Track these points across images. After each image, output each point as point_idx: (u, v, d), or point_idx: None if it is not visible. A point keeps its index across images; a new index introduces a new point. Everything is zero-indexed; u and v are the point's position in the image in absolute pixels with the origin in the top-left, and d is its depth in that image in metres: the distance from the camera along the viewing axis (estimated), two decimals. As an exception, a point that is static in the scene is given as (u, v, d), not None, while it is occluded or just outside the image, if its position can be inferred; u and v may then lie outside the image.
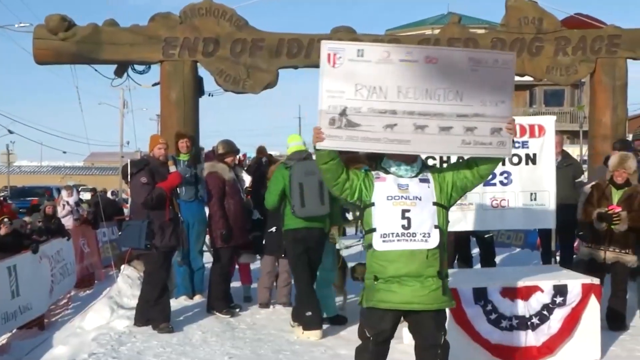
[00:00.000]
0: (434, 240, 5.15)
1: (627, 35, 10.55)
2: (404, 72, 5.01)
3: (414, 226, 5.14)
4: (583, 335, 7.17)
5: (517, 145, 8.37)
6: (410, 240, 5.14)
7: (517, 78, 12.42)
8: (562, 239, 10.04)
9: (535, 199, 8.47)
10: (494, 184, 8.43)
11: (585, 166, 12.29)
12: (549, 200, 8.46)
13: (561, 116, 46.47)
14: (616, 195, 8.26)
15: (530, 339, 7.05)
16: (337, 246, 8.87)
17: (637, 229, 8.20)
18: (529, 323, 7.05)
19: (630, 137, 11.32)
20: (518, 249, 15.46)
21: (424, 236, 5.14)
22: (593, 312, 7.20)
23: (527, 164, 8.45)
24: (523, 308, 7.07)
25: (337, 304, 9.16)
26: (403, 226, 5.14)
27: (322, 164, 5.22)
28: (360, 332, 5.47)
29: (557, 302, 7.10)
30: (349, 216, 9.61)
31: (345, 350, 7.70)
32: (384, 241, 5.19)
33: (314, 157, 6.03)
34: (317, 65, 5.04)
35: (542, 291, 7.13)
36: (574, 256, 10.02)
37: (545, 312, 7.10)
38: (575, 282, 7.22)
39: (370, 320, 5.37)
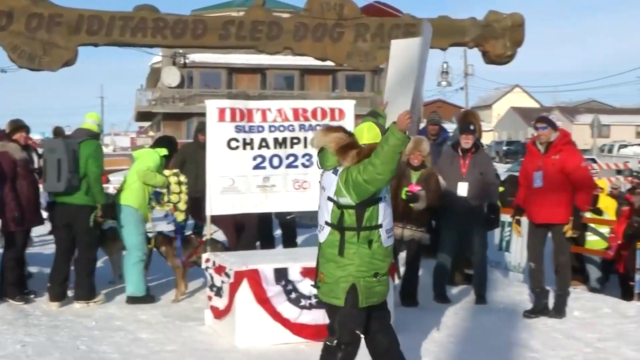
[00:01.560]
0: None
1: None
2: None
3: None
4: (378, 312, 7.46)
5: (318, 128, 8.55)
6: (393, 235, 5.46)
7: (319, 63, 12.69)
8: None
9: (335, 181, 8.67)
10: (296, 166, 8.55)
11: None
12: (348, 182, 8.69)
13: (362, 100, 47.89)
14: (414, 176, 8.68)
15: (328, 316, 7.25)
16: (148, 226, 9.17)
17: (432, 209, 8.69)
18: (327, 301, 7.25)
19: (424, 123, 11.87)
20: (320, 230, 15.82)
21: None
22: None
23: (327, 146, 8.63)
24: (322, 287, 7.25)
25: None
26: (390, 222, 5.37)
27: (400, 150, 5.08)
28: (345, 334, 5.34)
29: (355, 280, 7.34)
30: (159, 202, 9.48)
31: (146, 334, 7.60)
32: (388, 237, 5.32)
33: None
34: (119, 43, 4.88)
35: (341, 270, 7.33)
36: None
37: (343, 291, 7.31)
38: (371, 261, 7.48)
39: (361, 319, 5.35)
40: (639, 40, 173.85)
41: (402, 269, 9.02)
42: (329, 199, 5.28)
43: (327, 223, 5.31)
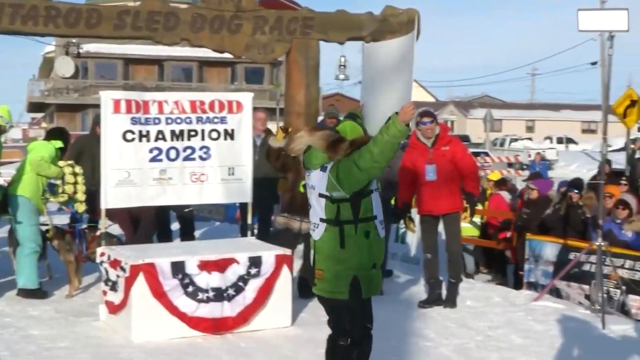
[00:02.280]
0: None
1: (320, 18, 11.07)
2: None
3: None
4: (276, 304, 7.51)
5: (216, 120, 8.52)
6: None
7: (218, 55, 12.60)
8: (261, 213, 10.39)
9: (233, 174, 8.65)
10: (194, 159, 8.48)
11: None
12: (246, 175, 8.70)
13: (261, 93, 47.81)
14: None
15: (226, 309, 7.24)
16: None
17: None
18: (225, 294, 7.24)
19: (322, 116, 11.96)
20: (219, 223, 15.76)
21: None
22: (285, 281, 7.57)
23: (225, 139, 8.60)
24: (219, 280, 7.24)
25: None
26: (381, 213, 5.40)
27: (400, 141, 5.12)
28: (357, 330, 5.33)
29: (252, 273, 7.36)
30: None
31: (37, 330, 7.41)
32: (382, 228, 5.34)
33: None
34: (8, 32, 4.74)
35: (238, 263, 7.35)
36: (271, 229, 10.43)
37: (240, 284, 7.33)
38: (269, 254, 7.53)
39: (368, 312, 5.38)
40: (531, 38, 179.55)
41: (300, 262, 9.07)
42: (321, 195, 5.29)
43: (322, 220, 5.29)
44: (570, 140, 57.49)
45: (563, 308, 8.64)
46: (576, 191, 10.26)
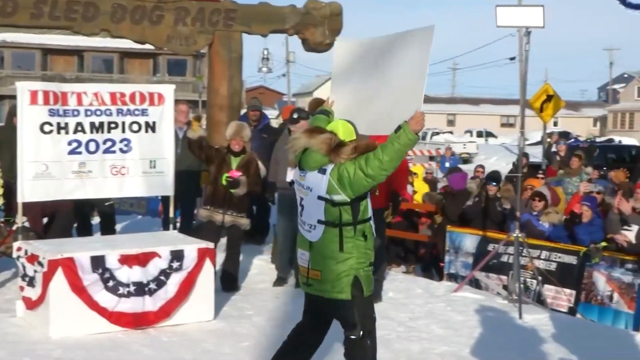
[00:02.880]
0: None
1: (242, 10, 11.05)
2: None
3: None
4: (198, 298, 7.46)
5: (136, 112, 8.41)
6: None
7: (139, 46, 12.44)
8: (183, 206, 10.30)
9: (154, 167, 8.56)
10: (114, 152, 8.36)
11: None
12: (168, 168, 8.61)
13: (184, 86, 47.45)
14: (234, 162, 8.69)
15: (147, 304, 7.16)
16: None
17: (251, 194, 8.76)
18: (146, 289, 7.15)
19: (245, 109, 11.93)
20: (140, 217, 15.55)
21: None
22: (208, 274, 7.52)
23: (146, 131, 8.49)
24: (141, 274, 7.15)
25: None
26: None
27: (409, 149, 5.34)
28: (368, 322, 5.41)
29: (174, 267, 7.29)
30: None
31: None
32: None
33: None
34: None
35: (160, 257, 7.26)
36: (194, 222, 10.36)
37: (162, 278, 7.25)
38: (191, 247, 7.47)
39: (372, 305, 5.50)
40: (452, 33, 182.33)
41: (223, 255, 9.02)
42: (321, 198, 5.27)
43: (320, 221, 5.30)
44: (489, 134, 58.75)
45: (482, 299, 8.83)
46: (494, 184, 10.48)
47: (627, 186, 11.21)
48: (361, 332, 5.37)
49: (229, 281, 8.79)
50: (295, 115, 8.77)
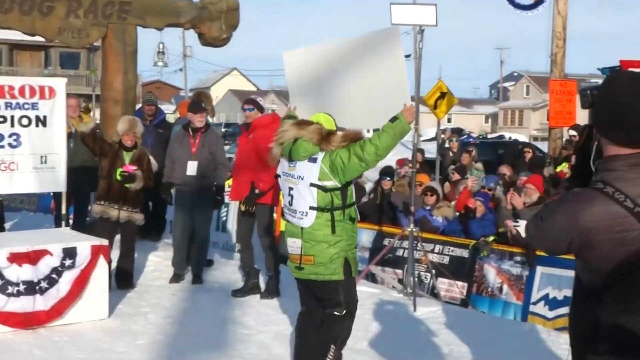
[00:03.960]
0: None
1: (137, 3, 10.84)
2: None
3: None
4: (92, 296, 7.30)
5: (26, 106, 8.17)
6: None
7: (29, 38, 12.04)
8: (77, 202, 10.07)
9: (45, 162, 8.35)
10: (2, 147, 8.12)
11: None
12: (59, 163, 8.40)
13: (77, 79, 46.36)
14: (127, 156, 8.54)
15: (38, 303, 6.96)
16: None
17: (146, 189, 8.63)
18: (37, 288, 6.96)
19: (140, 104, 11.74)
20: (31, 213, 15.10)
21: None
22: (102, 272, 7.38)
23: (37, 126, 8.27)
24: (32, 273, 6.96)
25: None
26: None
27: (402, 138, 5.65)
28: (352, 303, 5.80)
29: (67, 264, 7.12)
30: None
31: None
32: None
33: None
34: None
35: (52, 255, 7.08)
36: (88, 219, 10.12)
37: (54, 276, 7.07)
38: (84, 244, 7.31)
39: (355, 288, 5.91)
40: (350, 29, 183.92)
41: (117, 252, 8.86)
42: (313, 185, 5.57)
43: (312, 208, 5.57)
44: (385, 130, 59.48)
45: (378, 292, 8.94)
46: (388, 178, 10.66)
47: (512, 179, 11.70)
48: (344, 311, 5.73)
49: (124, 278, 8.65)
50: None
